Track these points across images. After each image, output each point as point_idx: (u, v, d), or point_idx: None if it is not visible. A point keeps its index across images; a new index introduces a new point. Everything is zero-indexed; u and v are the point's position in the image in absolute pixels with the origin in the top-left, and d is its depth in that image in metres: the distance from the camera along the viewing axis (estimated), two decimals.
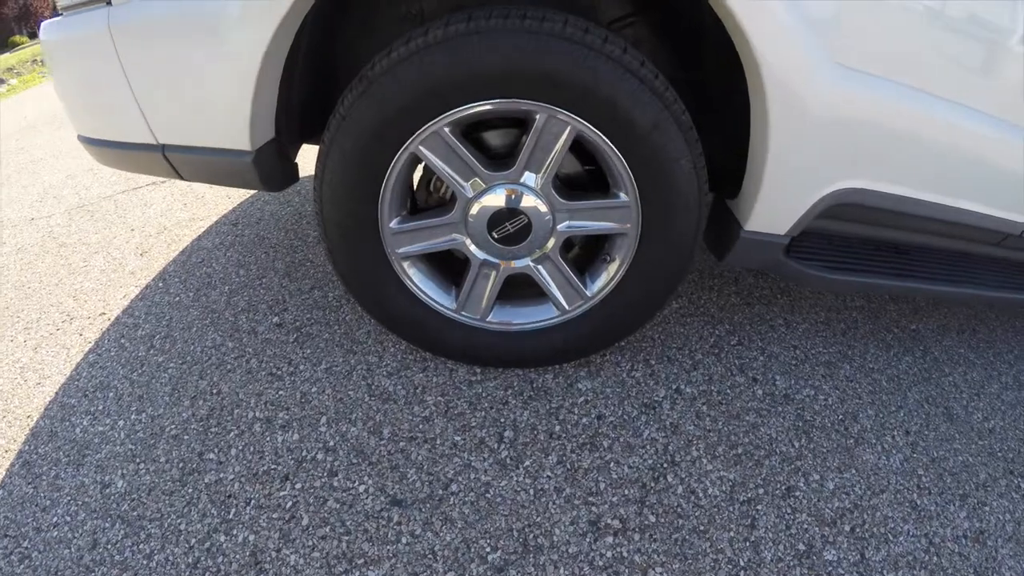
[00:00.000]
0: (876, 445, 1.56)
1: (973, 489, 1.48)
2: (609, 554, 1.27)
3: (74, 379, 1.80)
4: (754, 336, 1.89)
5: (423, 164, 1.43)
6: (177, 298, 2.11)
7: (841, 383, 1.74)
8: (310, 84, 1.54)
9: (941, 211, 1.52)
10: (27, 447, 1.59)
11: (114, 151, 1.61)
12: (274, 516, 1.35)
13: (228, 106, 1.34)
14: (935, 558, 1.32)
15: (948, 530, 1.38)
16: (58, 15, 1.55)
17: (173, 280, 2.23)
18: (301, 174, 1.71)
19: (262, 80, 1.29)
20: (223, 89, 1.33)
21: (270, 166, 1.45)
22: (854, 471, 1.48)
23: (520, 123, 1.40)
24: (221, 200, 2.91)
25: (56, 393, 1.76)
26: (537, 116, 1.26)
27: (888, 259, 1.72)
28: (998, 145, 1.44)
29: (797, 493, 1.42)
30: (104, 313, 2.10)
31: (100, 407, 1.68)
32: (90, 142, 1.67)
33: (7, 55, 13.22)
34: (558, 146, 1.30)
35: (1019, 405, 1.77)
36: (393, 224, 1.43)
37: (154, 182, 3.28)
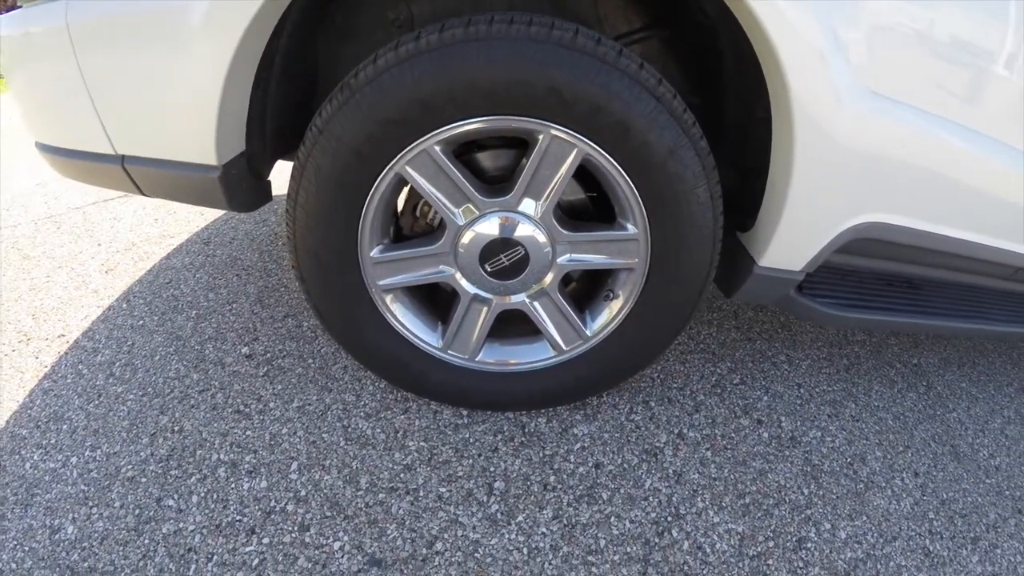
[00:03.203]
0: (886, 489, 1.45)
1: (984, 531, 1.40)
2: None
3: (27, 407, 1.60)
4: (757, 374, 1.74)
5: (409, 186, 1.24)
6: (141, 322, 1.90)
7: (847, 423, 1.62)
8: (287, 92, 1.35)
9: (963, 246, 1.40)
10: None
11: (71, 161, 1.41)
12: (239, 575, 1.17)
13: (192, 114, 1.16)
14: None
15: None
16: (18, 7, 1.37)
17: (138, 302, 2.01)
18: (275, 192, 1.52)
19: (231, 86, 1.11)
20: (187, 95, 1.15)
21: (239, 184, 1.26)
22: (865, 518, 1.37)
23: (519, 143, 1.23)
24: (194, 216, 2.70)
25: (7, 422, 1.55)
26: (540, 136, 1.09)
27: (900, 295, 1.62)
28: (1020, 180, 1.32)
29: (808, 545, 1.29)
30: (63, 335, 1.88)
31: (53, 440, 1.48)
32: (47, 150, 1.48)
33: None
34: (562, 171, 1.12)
35: (1023, 440, 1.69)
36: (374, 253, 1.24)
37: (125, 194, 3.05)
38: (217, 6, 1.03)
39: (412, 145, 1.09)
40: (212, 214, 2.71)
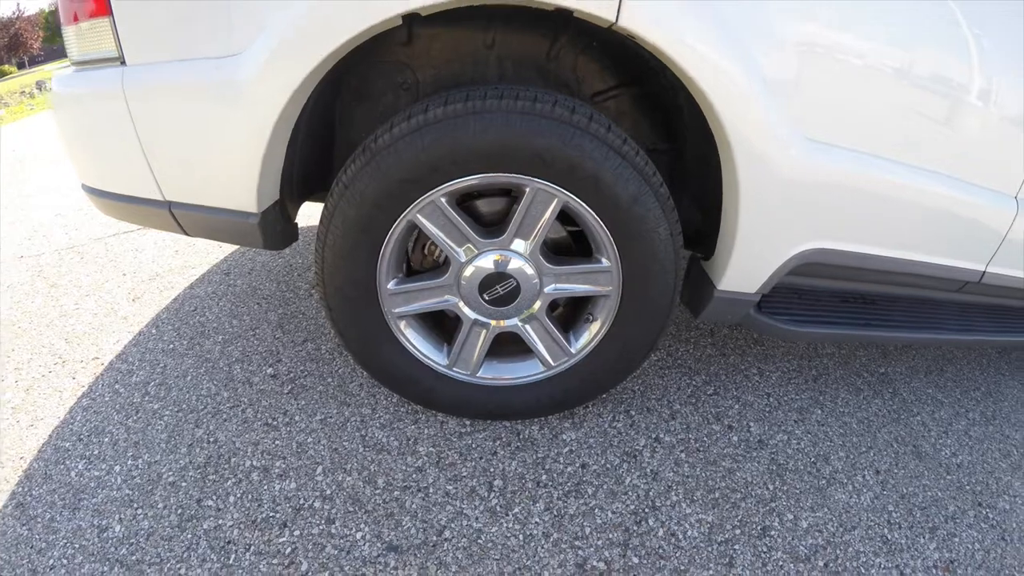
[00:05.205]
0: (847, 484, 1.66)
1: (943, 521, 1.59)
2: None
3: (68, 423, 1.81)
4: (729, 386, 2.00)
5: (418, 230, 1.52)
6: (171, 346, 2.17)
7: (813, 427, 1.85)
8: (311, 146, 1.62)
9: (903, 265, 1.64)
10: (20, 488, 1.60)
11: (119, 203, 1.64)
12: (274, 562, 1.39)
13: (238, 169, 1.41)
14: None
15: (919, 561, 1.47)
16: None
17: (167, 327, 2.28)
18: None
19: (271, 146, 1.37)
20: (234, 153, 1.39)
21: (274, 227, 1.54)
22: (826, 510, 1.58)
23: (510, 191, 1.51)
24: (213, 248, 2.98)
25: (50, 436, 1.77)
26: (527, 189, 1.37)
27: (856, 309, 1.84)
28: (953, 201, 1.57)
29: (772, 532, 1.51)
30: (97, 358, 2.13)
31: (95, 451, 1.70)
32: (94, 192, 1.70)
33: None
34: (546, 216, 1.41)
35: (987, 440, 1.90)
36: (390, 286, 1.52)
37: (143, 228, 3.28)
38: (266, 78, 1.29)
39: (422, 198, 1.38)
40: (230, 247, 2.98)
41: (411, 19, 1.27)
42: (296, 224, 1.69)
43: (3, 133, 7.73)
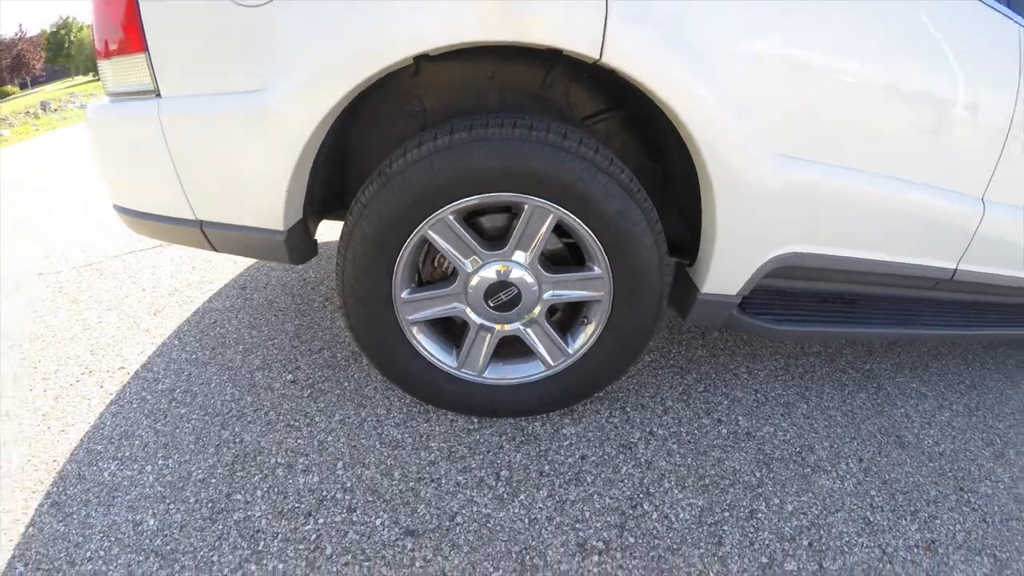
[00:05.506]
0: (831, 472, 1.81)
1: (924, 505, 1.72)
2: (595, 571, 1.51)
3: (98, 428, 1.95)
4: (719, 383, 2.18)
5: (429, 244, 1.70)
6: (194, 355, 2.34)
7: (798, 420, 2.02)
8: (329, 168, 1.80)
9: (876, 265, 1.82)
10: (55, 488, 1.71)
11: (151, 222, 1.79)
12: (300, 547, 1.52)
13: (267, 191, 1.57)
14: (888, 565, 1.54)
15: (900, 541, 1.61)
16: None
17: (188, 338, 2.46)
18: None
19: (298, 169, 1.54)
20: (264, 177, 1.56)
21: (298, 243, 1.72)
22: (811, 495, 1.73)
23: (511, 209, 1.69)
24: (228, 264, 3.16)
25: (81, 440, 1.89)
26: (525, 206, 1.56)
27: (835, 308, 2.01)
28: (922, 205, 1.75)
29: (759, 515, 1.66)
30: (123, 367, 2.28)
31: (127, 453, 1.82)
32: (126, 212, 1.84)
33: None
34: (543, 230, 1.60)
35: (969, 430, 2.06)
36: (404, 295, 1.71)
37: (160, 245, 3.49)
38: (296, 109, 1.46)
39: (432, 216, 1.56)
40: (244, 262, 3.17)
41: (420, 56, 1.44)
42: (316, 240, 1.87)
43: (9, 154, 7.92)
